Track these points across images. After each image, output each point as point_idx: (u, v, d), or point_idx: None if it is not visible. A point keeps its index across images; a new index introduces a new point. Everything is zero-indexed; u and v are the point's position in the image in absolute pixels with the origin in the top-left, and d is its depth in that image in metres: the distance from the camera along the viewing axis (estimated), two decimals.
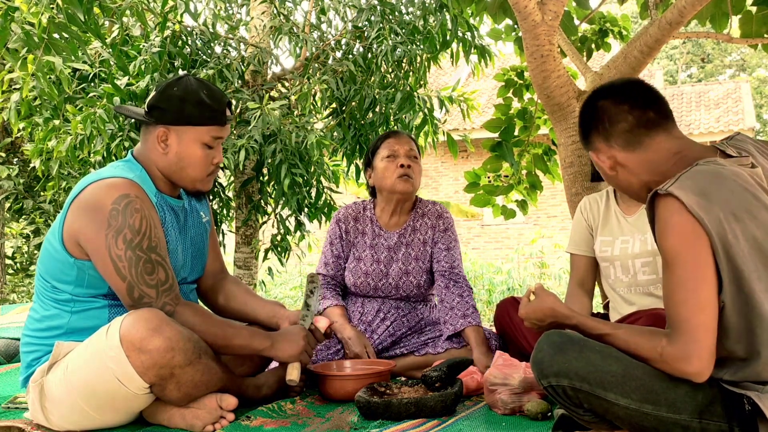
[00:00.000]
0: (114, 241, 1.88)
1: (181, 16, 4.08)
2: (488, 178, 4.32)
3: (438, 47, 4.46)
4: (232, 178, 4.66)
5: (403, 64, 4.52)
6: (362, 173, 3.07)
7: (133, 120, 3.79)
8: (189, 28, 4.15)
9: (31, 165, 4.92)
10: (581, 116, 1.76)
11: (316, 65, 4.42)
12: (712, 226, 1.45)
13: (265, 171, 4.42)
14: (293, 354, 2.09)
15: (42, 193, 6.33)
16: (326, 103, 4.57)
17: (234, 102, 4.23)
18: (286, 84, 4.66)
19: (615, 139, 1.67)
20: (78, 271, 1.95)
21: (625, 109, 1.66)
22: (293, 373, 2.09)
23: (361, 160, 4.02)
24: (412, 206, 2.83)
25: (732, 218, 1.46)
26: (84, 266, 1.94)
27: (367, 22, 4.38)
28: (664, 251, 1.51)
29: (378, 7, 4.30)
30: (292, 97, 4.23)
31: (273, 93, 4.63)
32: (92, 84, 4.17)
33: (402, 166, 2.68)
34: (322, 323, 2.24)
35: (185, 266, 2.16)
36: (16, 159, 7.33)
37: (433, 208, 2.83)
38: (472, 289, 2.74)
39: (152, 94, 2.08)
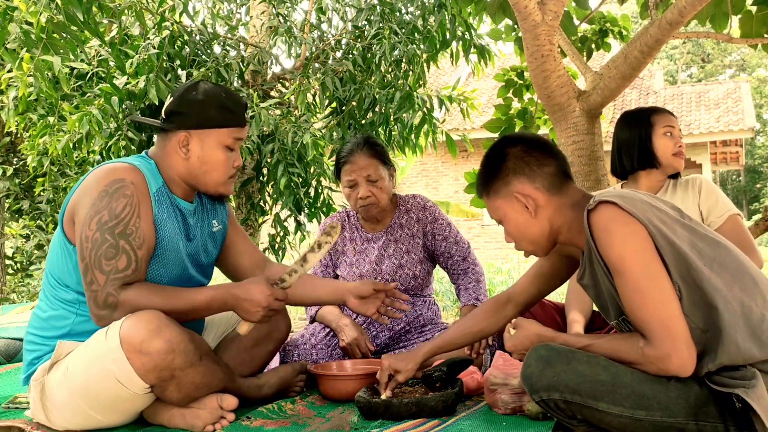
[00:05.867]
0: (89, 221, 1.87)
1: (180, 15, 4.07)
2: None
3: (437, 47, 4.46)
4: None
5: (403, 64, 4.52)
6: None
7: (131, 120, 3.78)
8: (188, 28, 4.14)
9: (29, 163, 4.91)
10: (492, 161, 1.77)
11: (316, 65, 4.42)
12: (643, 217, 1.52)
13: (264, 171, 4.42)
14: (252, 320, 1.96)
15: (41, 194, 6.32)
16: (326, 103, 4.57)
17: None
18: (286, 84, 4.65)
19: (541, 180, 1.71)
20: (75, 263, 1.94)
21: (550, 155, 1.74)
22: (243, 327, 1.99)
23: None
24: (392, 205, 2.84)
25: (651, 210, 1.56)
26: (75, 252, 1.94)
27: (366, 22, 4.38)
28: (610, 261, 1.55)
29: (378, 7, 4.30)
30: (291, 97, 4.22)
31: (272, 93, 4.62)
32: (89, 83, 4.16)
33: (361, 198, 2.66)
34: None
35: (189, 267, 2.14)
36: (15, 159, 7.32)
37: (415, 201, 2.84)
38: (483, 272, 2.83)
39: (169, 100, 2.06)
